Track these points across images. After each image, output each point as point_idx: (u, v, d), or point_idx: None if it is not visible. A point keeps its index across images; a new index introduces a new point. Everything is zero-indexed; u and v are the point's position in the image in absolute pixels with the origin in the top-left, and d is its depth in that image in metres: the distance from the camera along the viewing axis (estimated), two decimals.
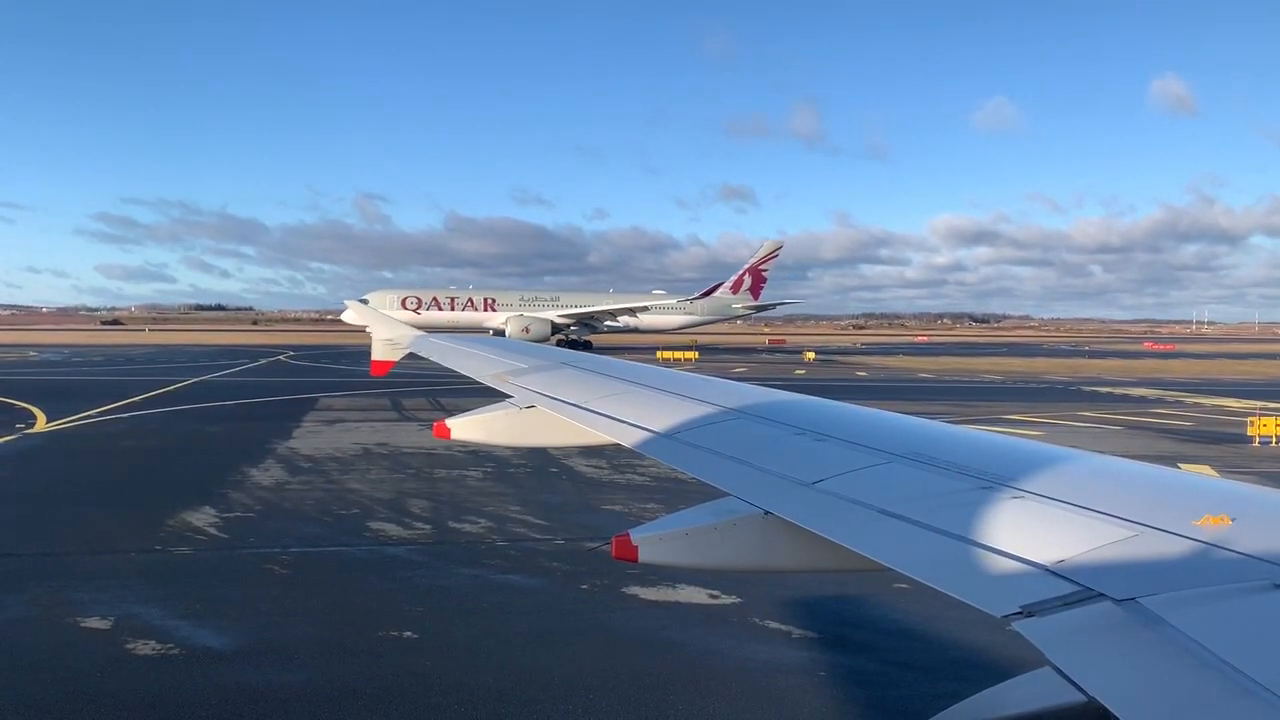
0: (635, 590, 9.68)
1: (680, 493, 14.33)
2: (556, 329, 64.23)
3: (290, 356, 54.31)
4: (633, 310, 67.55)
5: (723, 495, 3.09)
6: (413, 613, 9.05)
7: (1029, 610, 1.88)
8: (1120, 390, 37.61)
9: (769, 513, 2.85)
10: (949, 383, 41.94)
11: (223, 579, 10.11)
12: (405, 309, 62.18)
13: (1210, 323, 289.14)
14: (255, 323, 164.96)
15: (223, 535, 12.03)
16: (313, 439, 20.62)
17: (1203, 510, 2.22)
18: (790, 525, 2.75)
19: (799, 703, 7.11)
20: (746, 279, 75.10)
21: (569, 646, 8.25)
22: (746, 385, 5.02)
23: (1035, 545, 2.20)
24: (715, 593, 9.56)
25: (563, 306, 67.08)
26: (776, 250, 76.13)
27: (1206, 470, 17.04)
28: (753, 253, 76.82)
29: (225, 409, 26.82)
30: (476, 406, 5.42)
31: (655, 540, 2.99)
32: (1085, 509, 2.38)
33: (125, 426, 22.64)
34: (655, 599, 9.46)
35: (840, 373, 48.75)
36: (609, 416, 4.50)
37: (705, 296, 71.34)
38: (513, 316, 64.01)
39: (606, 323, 67.82)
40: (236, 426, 22.93)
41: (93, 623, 8.61)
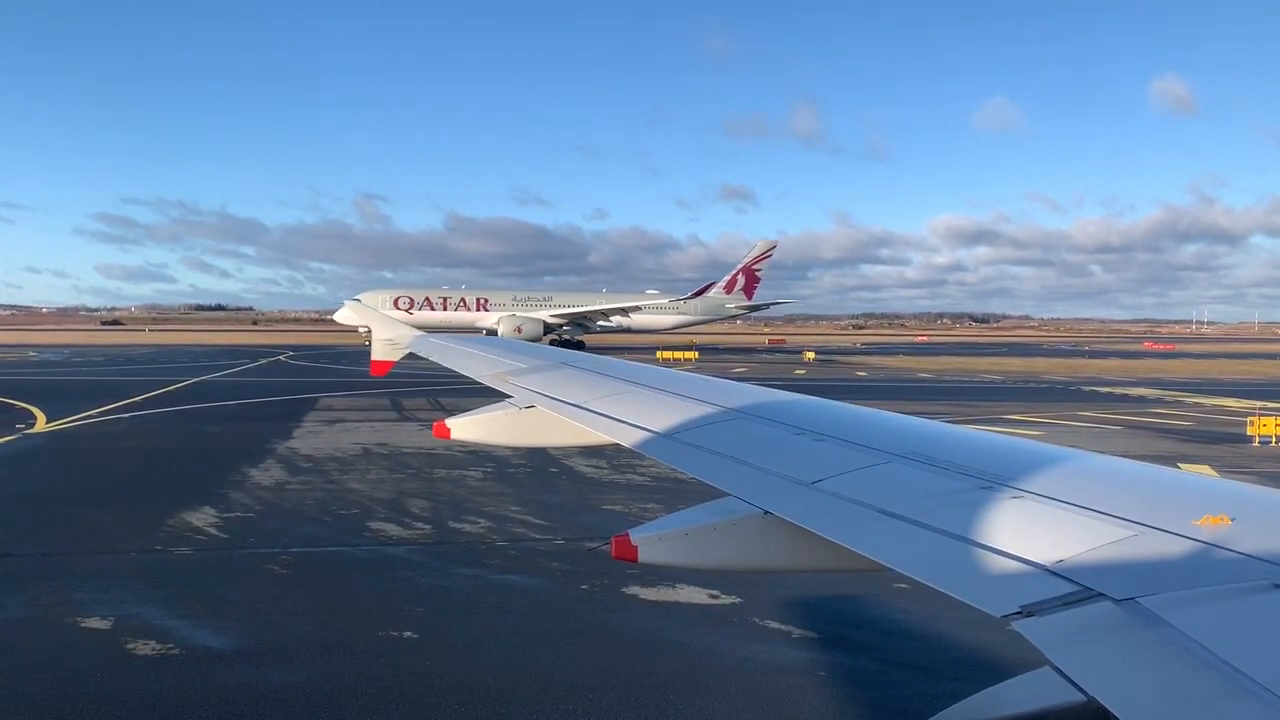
0: (635, 590, 9.68)
1: (680, 493, 14.33)
2: (549, 329, 64.05)
3: (290, 357, 54.30)
4: (625, 310, 67.42)
5: (722, 495, 3.09)
6: (413, 613, 9.05)
7: (1029, 610, 1.88)
8: (1120, 390, 37.61)
9: (769, 513, 2.85)
10: (949, 383, 41.94)
11: (223, 579, 10.11)
12: (398, 309, 61.95)
13: (1210, 322, 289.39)
14: (255, 323, 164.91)
15: (223, 535, 12.03)
16: (313, 439, 20.62)
17: (1202, 510, 2.22)
18: (790, 525, 2.75)
19: (799, 703, 7.11)
20: (740, 279, 75.07)
21: (569, 646, 8.25)
22: (746, 385, 5.01)
23: (1035, 545, 2.20)
24: (715, 593, 9.56)
25: (555, 306, 66.97)
26: (770, 250, 76.08)
27: (1206, 470, 17.04)
28: (747, 252, 76.87)
29: (225, 409, 26.82)
30: (476, 406, 5.42)
31: (655, 540, 2.99)
32: (1085, 509, 2.38)
33: (125, 427, 22.64)
34: (655, 599, 9.45)
35: (840, 373, 48.75)
36: (609, 416, 4.50)
37: (697, 296, 71.31)
38: (505, 316, 63.86)
39: (599, 323, 67.72)
40: (236, 426, 22.93)
41: (93, 623, 8.61)
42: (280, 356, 54.19)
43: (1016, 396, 34.32)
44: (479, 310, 66.28)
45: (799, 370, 49.27)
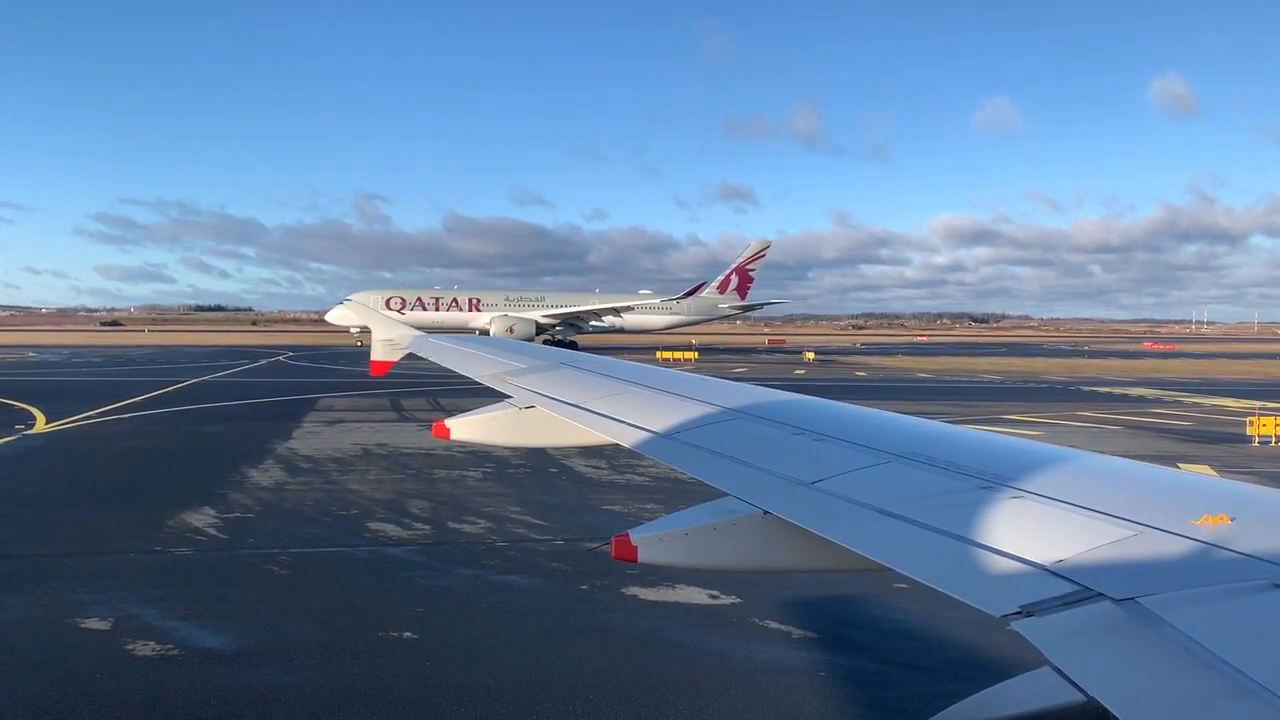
0: (635, 590, 9.67)
1: (680, 493, 14.33)
2: (541, 329, 63.86)
3: (289, 357, 54.30)
4: (617, 310, 67.34)
5: (722, 495, 3.09)
6: (412, 613, 9.05)
7: (1028, 610, 1.88)
8: (1120, 390, 37.62)
9: (768, 513, 2.85)
10: (948, 383, 41.95)
11: (222, 580, 10.11)
12: (390, 309, 61.64)
13: (1210, 322, 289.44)
14: (255, 323, 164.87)
15: (222, 536, 12.03)
16: (312, 439, 20.62)
17: (1202, 510, 2.22)
18: (790, 525, 2.75)
19: (799, 703, 7.11)
20: (733, 279, 75.09)
21: (569, 647, 8.25)
22: (746, 385, 5.01)
23: (1034, 545, 2.20)
24: (715, 593, 9.56)
25: (548, 307, 66.85)
26: (764, 250, 76.08)
27: (1206, 470, 17.05)
28: (740, 252, 76.90)
29: (225, 409, 26.82)
30: (476, 407, 5.42)
31: (655, 540, 2.99)
32: (1085, 509, 2.38)
33: (125, 427, 22.63)
34: (655, 599, 9.45)
35: (840, 373, 48.76)
36: (608, 417, 4.50)
37: (690, 296, 71.29)
38: (497, 317, 63.70)
39: (592, 323, 67.60)
40: (236, 427, 22.93)
41: (92, 623, 8.61)
42: (280, 357, 54.18)
43: (1016, 396, 34.33)
44: (471, 310, 66.14)
45: (799, 370, 49.28)
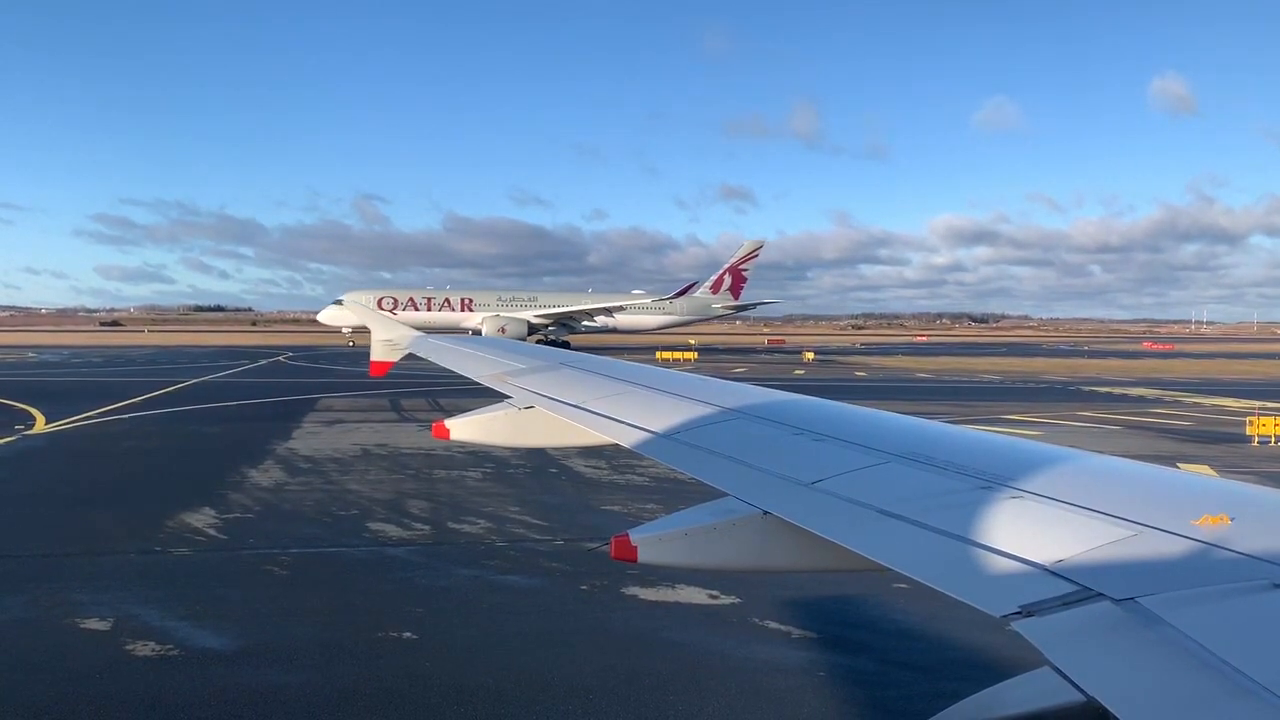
0: (635, 591, 9.67)
1: (679, 493, 14.32)
2: (533, 329, 63.71)
3: (289, 357, 54.29)
4: (609, 310, 67.29)
5: (722, 495, 3.09)
6: (412, 613, 9.05)
7: (1028, 610, 1.88)
8: (1119, 390, 37.63)
9: (768, 513, 2.85)
10: (948, 383, 41.95)
11: (222, 580, 10.11)
12: (381, 310, 61.48)
13: (1209, 322, 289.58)
14: (254, 323, 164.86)
15: (222, 536, 12.02)
16: (312, 440, 20.62)
17: (1202, 510, 2.22)
18: (789, 525, 2.75)
19: (799, 703, 7.11)
20: (727, 279, 75.11)
21: (569, 647, 8.25)
22: (745, 385, 5.01)
23: (1034, 545, 2.20)
24: (715, 593, 9.56)
25: (540, 307, 66.78)
26: (757, 249, 76.12)
27: (1206, 470, 17.05)
28: (733, 251, 76.96)
29: (225, 410, 26.81)
30: (476, 407, 5.42)
31: (654, 540, 2.99)
32: (1084, 509, 2.38)
33: (125, 428, 22.63)
34: (655, 599, 9.45)
35: (839, 373, 48.76)
36: (608, 417, 4.50)
37: (682, 296, 71.25)
38: (489, 317, 63.59)
39: (584, 323, 67.54)
40: (236, 427, 22.93)
41: (92, 624, 8.61)
42: (279, 357, 54.17)
43: (1016, 396, 34.33)
44: (463, 310, 66.02)
45: (798, 370, 49.28)
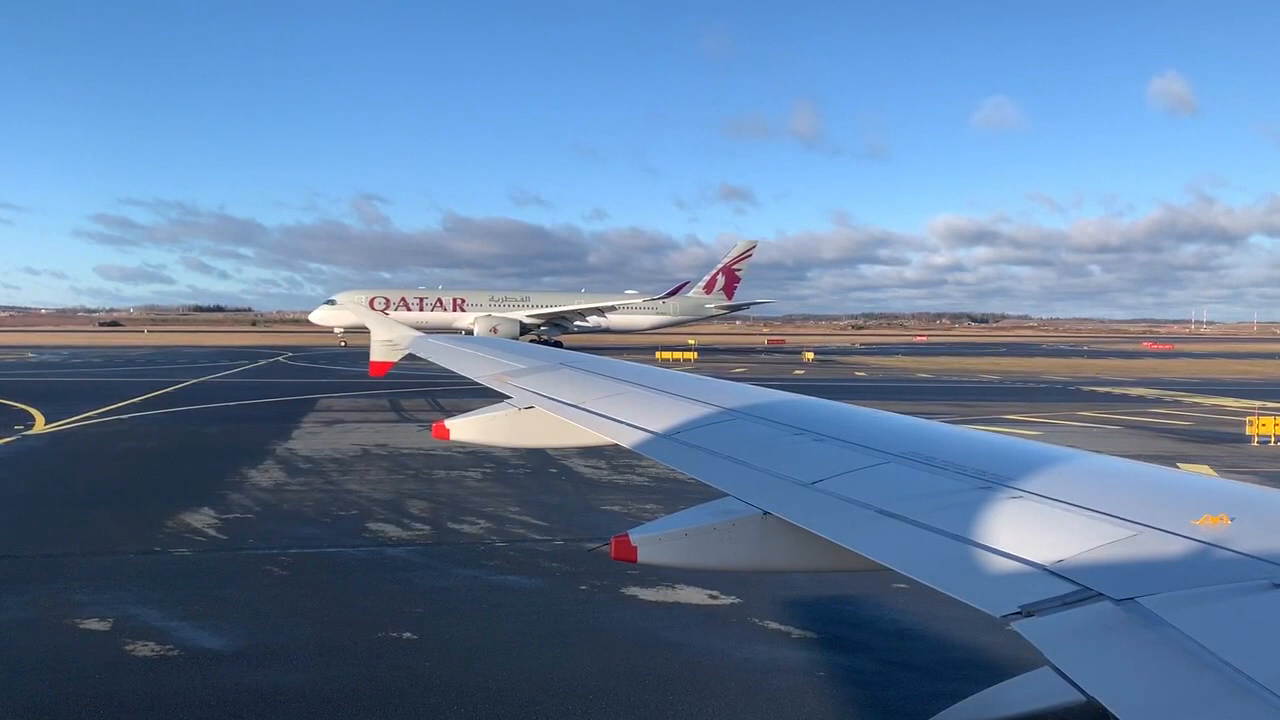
0: (635, 591, 9.67)
1: (679, 493, 14.32)
2: (525, 329, 63.62)
3: (289, 357, 54.27)
4: (601, 310, 67.23)
5: (722, 496, 3.09)
6: (412, 614, 9.04)
7: (1028, 610, 1.88)
8: (1119, 390, 37.63)
9: (768, 513, 2.85)
10: (948, 383, 41.95)
11: (222, 580, 10.10)
12: (374, 309, 61.77)
13: (1209, 322, 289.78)
14: (254, 324, 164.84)
15: (222, 536, 12.02)
16: (312, 440, 20.61)
17: (1202, 510, 2.22)
18: (789, 525, 2.75)
19: (799, 703, 7.11)
20: (720, 279, 75.16)
21: (568, 647, 8.24)
22: (745, 386, 5.01)
23: (1034, 545, 2.20)
24: (715, 593, 9.55)
25: (533, 307, 66.72)
26: (750, 249, 76.19)
27: (1206, 470, 17.05)
28: (726, 251, 77.02)
29: (224, 410, 26.81)
30: (475, 407, 5.42)
31: (654, 541, 2.99)
32: (1084, 509, 2.38)
33: (124, 428, 22.62)
34: (655, 599, 9.45)
35: (839, 373, 48.76)
36: (608, 417, 4.50)
37: (674, 296, 71.22)
38: (481, 317, 63.49)
39: (576, 323, 67.48)
40: (235, 428, 22.92)
41: (91, 624, 8.60)
42: (279, 357, 54.16)
43: (1015, 396, 34.34)
44: (455, 310, 65.92)
45: (798, 370, 49.28)
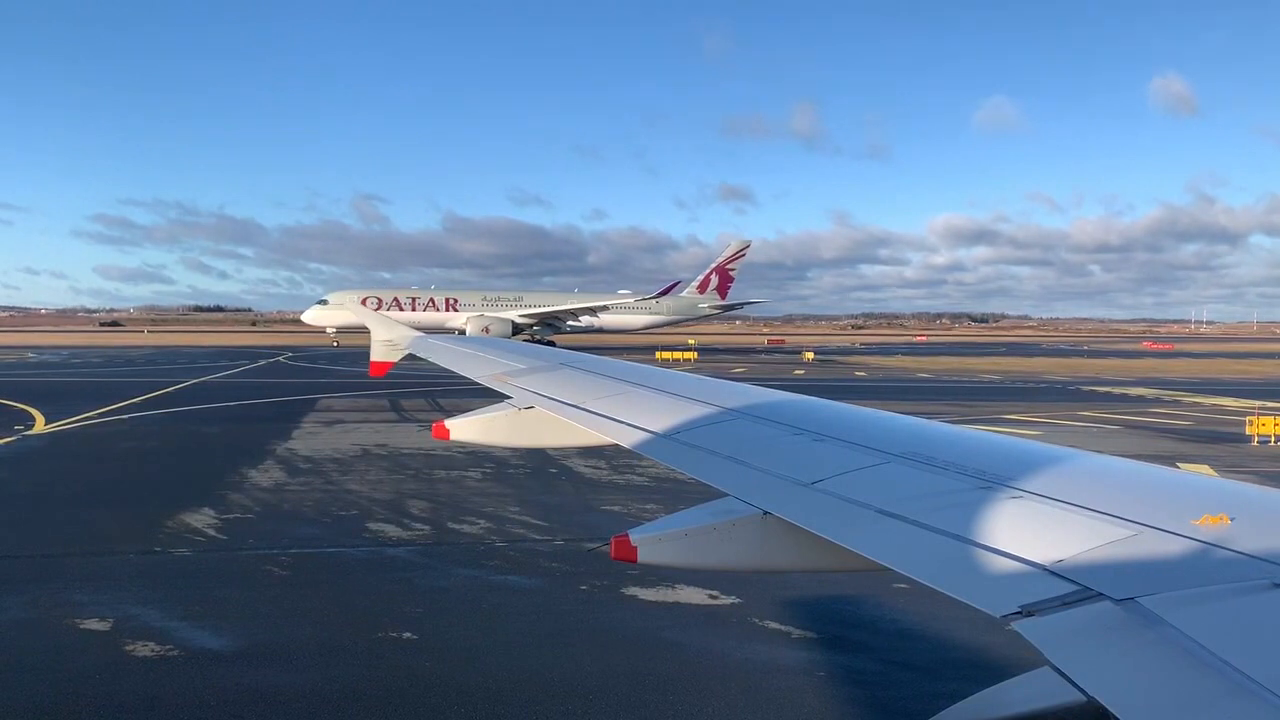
0: (635, 591, 9.67)
1: (679, 493, 14.32)
2: (518, 329, 63.47)
3: (289, 358, 54.27)
4: (593, 310, 67.12)
5: (722, 496, 3.09)
6: (412, 614, 9.04)
7: (1028, 610, 1.88)
8: (1119, 390, 37.62)
9: (768, 513, 2.85)
10: (948, 383, 41.94)
11: (222, 580, 10.10)
12: (364, 309, 61.41)
13: (1209, 322, 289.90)
14: (254, 324, 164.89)
15: (222, 537, 12.02)
16: (312, 440, 20.61)
17: (1202, 510, 2.22)
18: (789, 525, 2.75)
19: (799, 703, 7.10)
20: (714, 279, 75.17)
21: (568, 647, 8.24)
22: (745, 385, 5.01)
23: (1034, 545, 2.20)
24: (715, 593, 9.55)
25: (525, 306, 66.62)
26: (744, 249, 76.24)
27: (1206, 470, 17.05)
28: (720, 251, 77.10)
29: (224, 410, 26.80)
30: (476, 407, 5.42)
31: (654, 541, 2.99)
32: (1084, 509, 2.38)
33: (124, 428, 22.62)
34: (655, 599, 9.45)
35: (839, 373, 48.75)
36: (608, 417, 4.50)
37: (667, 295, 71.16)
38: (473, 317, 63.34)
39: (569, 323, 67.36)
40: (235, 428, 22.92)
41: (92, 624, 8.60)
42: (279, 357, 54.14)
43: (1015, 396, 34.33)
44: (448, 310, 65.79)
45: (798, 370, 49.27)
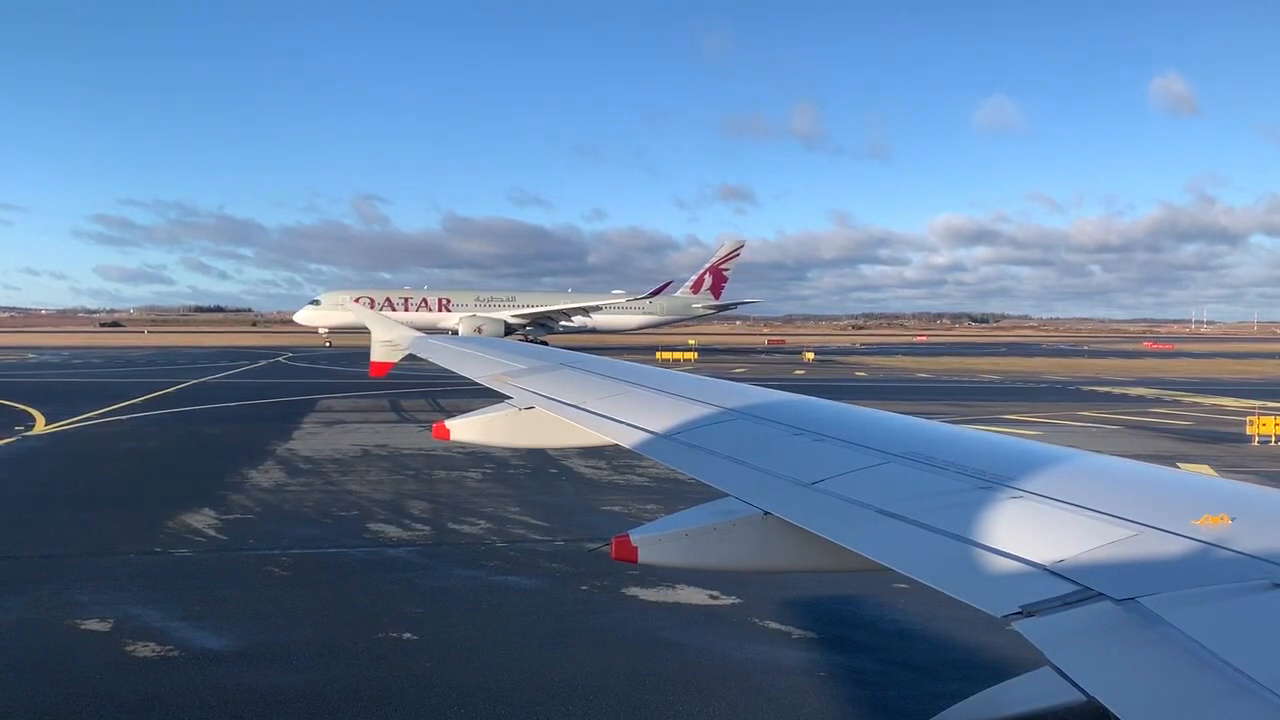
0: (635, 591, 9.67)
1: (680, 493, 14.32)
2: (510, 329, 63.41)
3: (289, 358, 54.26)
4: (585, 310, 67.07)
5: (722, 496, 3.09)
6: (412, 614, 9.04)
7: (1029, 610, 1.88)
8: (1119, 390, 37.61)
9: (768, 513, 2.85)
10: (948, 383, 41.94)
11: (222, 581, 10.10)
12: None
13: (1209, 322, 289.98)
14: (254, 324, 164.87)
15: (222, 537, 12.02)
16: (312, 440, 20.61)
17: (1202, 510, 2.22)
18: (790, 526, 2.75)
19: (799, 703, 7.10)
20: (707, 278, 75.24)
21: (569, 647, 8.24)
22: (745, 386, 5.01)
23: (1035, 545, 2.20)
24: (715, 593, 9.55)
25: (518, 306, 66.58)
26: (738, 249, 76.32)
27: (1206, 470, 17.04)
28: (714, 251, 77.16)
29: (224, 411, 26.80)
30: (476, 408, 5.42)
31: (655, 541, 2.98)
32: (1085, 509, 2.38)
33: (125, 428, 22.62)
34: (655, 600, 9.45)
35: (839, 373, 48.74)
36: (608, 417, 4.50)
37: (660, 295, 71.17)
38: (465, 317, 63.26)
39: (562, 323, 67.29)
40: (236, 428, 22.92)
41: (92, 625, 8.60)
42: (279, 358, 54.15)
43: (1015, 396, 34.32)
44: (441, 311, 65.69)
45: (798, 370, 49.28)
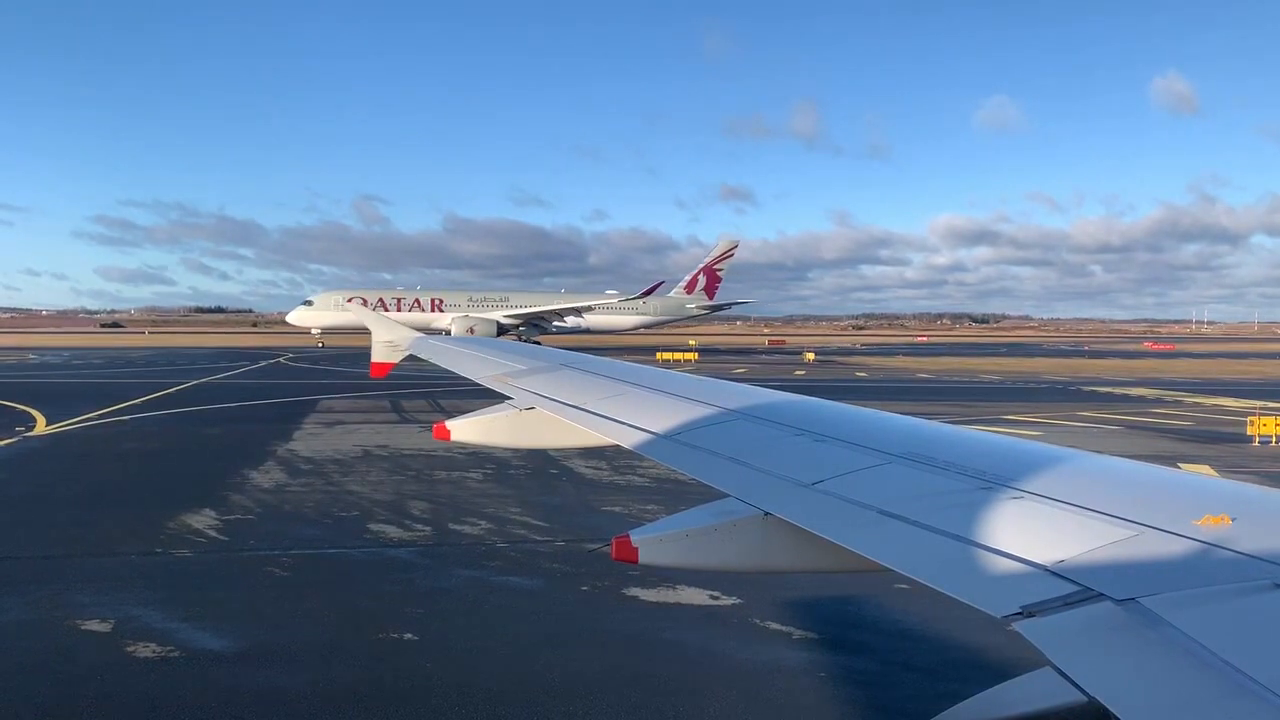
0: (635, 592, 9.67)
1: (680, 494, 14.32)
2: (503, 330, 63.37)
3: (290, 358, 54.28)
4: (578, 310, 67.04)
5: (723, 496, 3.09)
6: (413, 615, 9.04)
7: (1029, 610, 1.88)
8: (1120, 390, 37.60)
9: (769, 514, 2.85)
10: (949, 383, 41.93)
11: (223, 581, 10.11)
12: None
13: (1210, 322, 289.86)
14: (255, 325, 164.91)
15: (223, 538, 12.02)
16: (312, 441, 20.61)
17: (1203, 510, 2.22)
18: (790, 526, 2.75)
19: (800, 704, 7.10)
20: (701, 279, 75.35)
21: (569, 648, 8.24)
22: (746, 386, 5.01)
23: (1035, 545, 2.20)
24: (715, 594, 9.55)
25: (511, 307, 66.59)
26: (731, 249, 76.42)
27: (1206, 470, 17.04)
28: (708, 252, 77.32)
29: (225, 411, 26.81)
30: (476, 408, 5.42)
31: (655, 541, 2.98)
32: (1085, 509, 2.38)
33: (125, 429, 22.62)
34: (655, 600, 9.45)
35: (840, 373, 48.74)
36: (609, 418, 4.50)
37: (653, 295, 71.17)
38: (458, 317, 63.25)
39: (555, 323, 67.27)
40: (236, 429, 22.92)
41: (93, 625, 8.61)
42: (280, 358, 54.16)
43: (1016, 396, 34.32)
44: (434, 311, 65.68)
45: (799, 371, 49.27)
